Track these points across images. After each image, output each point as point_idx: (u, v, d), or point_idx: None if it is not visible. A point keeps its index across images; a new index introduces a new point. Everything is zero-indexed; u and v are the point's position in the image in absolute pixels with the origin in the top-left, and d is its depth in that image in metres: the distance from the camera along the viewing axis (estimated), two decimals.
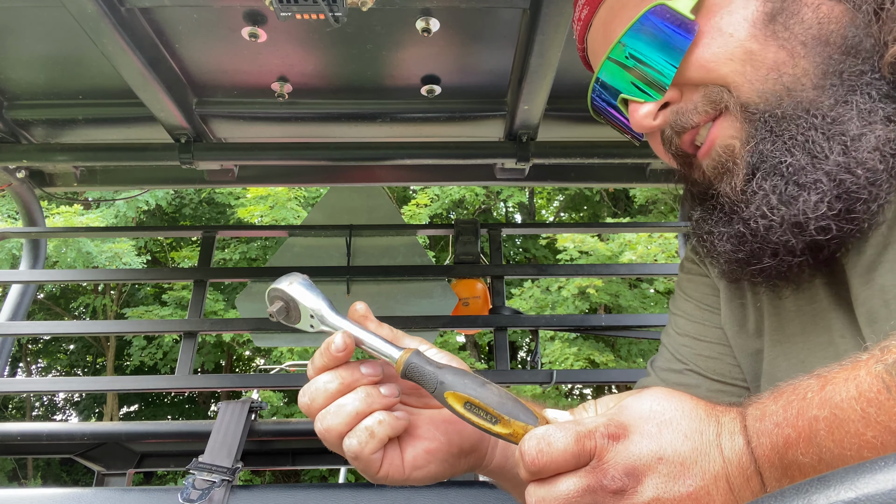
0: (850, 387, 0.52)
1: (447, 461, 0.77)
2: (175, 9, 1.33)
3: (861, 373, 0.52)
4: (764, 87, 0.69)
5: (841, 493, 0.26)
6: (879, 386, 0.50)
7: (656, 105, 0.75)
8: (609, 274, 2.33)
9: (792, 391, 0.57)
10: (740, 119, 0.71)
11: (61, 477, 13.88)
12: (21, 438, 1.67)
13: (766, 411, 0.58)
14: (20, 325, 1.96)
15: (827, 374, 0.56)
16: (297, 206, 10.81)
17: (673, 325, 0.97)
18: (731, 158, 0.72)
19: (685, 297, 0.97)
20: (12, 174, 1.85)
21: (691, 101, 0.74)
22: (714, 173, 0.75)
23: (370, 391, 0.72)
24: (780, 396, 0.58)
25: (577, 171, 2.01)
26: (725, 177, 0.73)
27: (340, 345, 0.71)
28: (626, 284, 11.20)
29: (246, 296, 2.30)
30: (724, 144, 0.73)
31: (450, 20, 1.37)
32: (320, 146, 1.76)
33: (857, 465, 0.27)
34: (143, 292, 13.20)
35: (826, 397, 0.53)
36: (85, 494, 1.34)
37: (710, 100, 0.72)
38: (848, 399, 0.52)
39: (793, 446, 0.54)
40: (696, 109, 0.74)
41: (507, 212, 14.29)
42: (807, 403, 0.54)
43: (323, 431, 0.73)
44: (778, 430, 0.55)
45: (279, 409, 11.84)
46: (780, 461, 0.55)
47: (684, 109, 0.75)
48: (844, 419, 0.51)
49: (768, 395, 0.60)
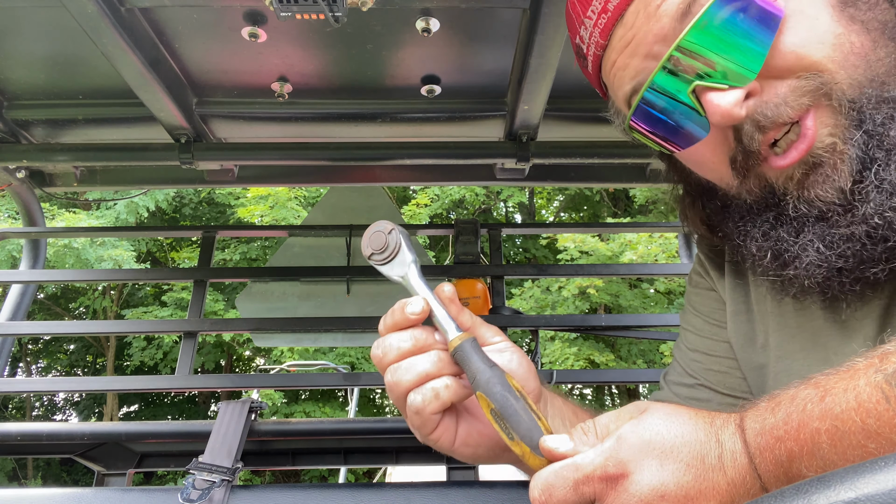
0: (850, 397, 0.51)
1: (493, 450, 0.79)
2: (175, 9, 1.32)
3: (860, 382, 0.52)
4: (856, 75, 0.63)
5: (841, 493, 0.26)
6: (878, 396, 0.49)
7: (743, 92, 0.66)
8: (609, 274, 2.32)
9: (790, 401, 0.56)
10: (837, 111, 0.64)
11: (61, 477, 13.88)
12: (21, 438, 1.67)
13: (765, 425, 0.57)
14: (20, 325, 1.96)
15: (825, 383, 0.55)
16: (297, 206, 10.82)
17: (683, 340, 0.97)
18: (834, 156, 0.64)
19: (694, 313, 0.96)
20: (12, 174, 1.85)
21: (777, 93, 0.66)
22: (804, 178, 0.66)
23: (442, 356, 0.73)
24: (778, 407, 0.57)
25: (577, 171, 2.00)
26: (822, 178, 0.65)
27: (418, 309, 0.74)
28: (627, 284, 11.20)
29: (246, 296, 2.31)
30: (826, 143, 0.65)
31: (450, 20, 1.36)
32: (320, 146, 1.75)
33: (856, 465, 0.27)
34: (142, 293, 13.20)
35: (826, 409, 0.53)
36: (85, 494, 1.33)
37: (806, 90, 0.64)
38: (848, 410, 0.51)
39: (796, 460, 0.54)
40: (786, 102, 0.65)
41: (507, 212, 14.29)
42: (807, 416, 0.54)
43: (392, 384, 0.74)
44: (780, 444, 0.55)
45: (279, 409, 11.84)
46: (784, 475, 0.55)
47: (773, 102, 0.66)
48: (846, 431, 0.51)
49: (766, 405, 0.59)
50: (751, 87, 0.66)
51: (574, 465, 0.59)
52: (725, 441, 0.58)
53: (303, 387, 10.13)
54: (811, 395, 0.55)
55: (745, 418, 0.59)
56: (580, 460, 0.59)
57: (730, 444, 0.58)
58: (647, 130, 0.78)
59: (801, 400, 0.56)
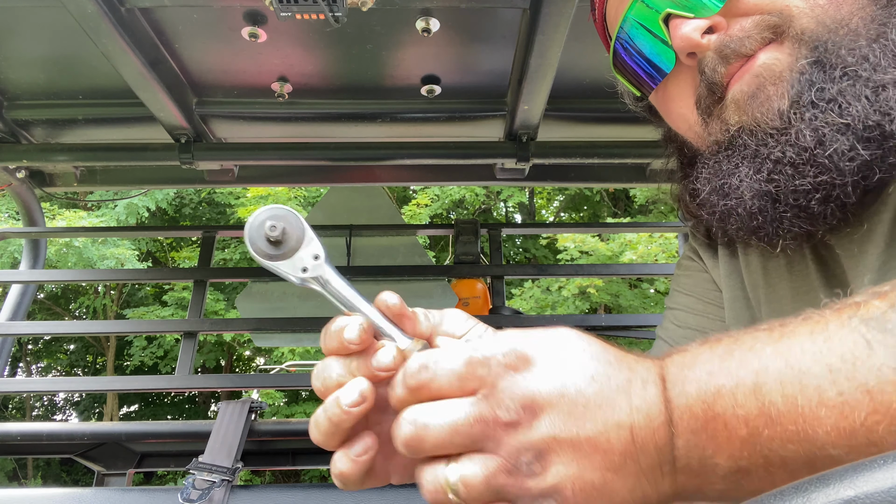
0: (817, 340, 0.46)
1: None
2: (175, 9, 1.33)
3: (831, 326, 0.46)
4: (820, 14, 0.64)
5: (840, 492, 0.26)
6: (856, 339, 0.44)
7: (706, 22, 0.69)
8: (609, 274, 2.33)
9: (734, 341, 0.51)
10: (796, 44, 0.65)
11: (61, 477, 13.88)
12: (21, 438, 1.67)
13: (698, 359, 0.51)
14: (20, 325, 1.96)
15: (782, 326, 0.49)
16: (297, 207, 10.82)
17: (672, 320, 0.96)
18: (775, 77, 0.65)
19: (685, 293, 0.96)
20: (12, 174, 1.85)
21: (742, 27, 0.68)
22: (744, 99, 0.68)
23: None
24: (717, 344, 0.51)
25: (577, 171, 2.00)
26: (762, 101, 0.66)
27: (355, 336, 0.56)
28: (627, 284, 11.20)
29: (246, 296, 2.30)
30: (769, 64, 0.66)
31: (450, 20, 1.37)
32: (320, 146, 1.76)
33: (856, 464, 0.27)
34: (143, 293, 13.20)
35: (781, 349, 0.47)
36: (85, 494, 1.34)
37: (769, 24, 0.66)
38: (813, 353, 0.45)
39: (726, 396, 0.48)
40: (749, 36, 0.67)
41: (507, 212, 14.29)
42: (754, 354, 0.48)
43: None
44: (710, 378, 0.49)
45: (279, 409, 11.85)
46: (704, 412, 0.48)
47: (737, 36, 0.68)
48: (805, 372, 0.45)
49: (700, 343, 0.53)
50: (716, 21, 0.69)
51: (473, 346, 0.52)
52: (639, 371, 0.52)
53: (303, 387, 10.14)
54: (761, 337, 0.49)
55: (671, 354, 0.53)
56: (480, 345, 0.52)
57: (643, 373, 0.51)
58: (626, 66, 0.81)
59: (748, 339, 0.50)
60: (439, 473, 0.50)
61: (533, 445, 0.48)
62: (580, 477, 0.48)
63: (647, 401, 0.50)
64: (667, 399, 0.50)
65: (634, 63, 0.79)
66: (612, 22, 0.83)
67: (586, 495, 0.48)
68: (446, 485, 0.49)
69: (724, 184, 0.71)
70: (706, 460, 0.49)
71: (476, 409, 0.49)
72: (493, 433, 0.49)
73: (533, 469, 0.48)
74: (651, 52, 0.75)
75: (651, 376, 0.51)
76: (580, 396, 0.49)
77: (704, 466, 0.49)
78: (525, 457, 0.48)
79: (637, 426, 0.49)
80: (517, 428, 0.48)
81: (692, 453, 0.49)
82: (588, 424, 0.49)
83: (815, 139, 0.62)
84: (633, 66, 0.80)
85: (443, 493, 0.49)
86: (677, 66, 0.74)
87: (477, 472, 0.48)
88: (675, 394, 0.50)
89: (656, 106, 0.84)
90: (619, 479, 0.49)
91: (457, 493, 0.49)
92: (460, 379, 0.50)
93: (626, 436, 0.49)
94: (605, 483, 0.48)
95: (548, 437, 0.48)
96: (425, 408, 0.51)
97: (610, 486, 0.49)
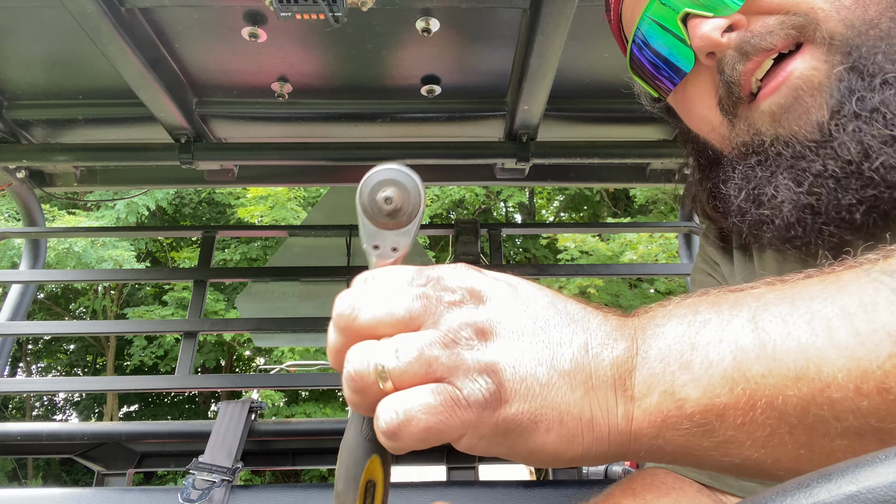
0: (829, 288, 0.41)
1: None
2: (175, 9, 1.32)
3: (845, 276, 0.42)
4: (847, 14, 0.62)
5: (843, 487, 0.26)
6: (878, 287, 0.39)
7: (725, 21, 0.67)
8: (609, 274, 2.32)
9: (725, 289, 0.46)
10: (824, 46, 0.63)
11: (61, 477, 13.89)
12: (21, 438, 1.67)
13: (680, 302, 0.46)
14: (20, 325, 1.96)
15: (783, 281, 0.45)
16: (296, 207, 10.82)
17: None
18: (813, 89, 0.63)
19: None
20: (12, 174, 1.85)
21: (764, 24, 0.66)
22: (781, 112, 0.65)
23: None
24: (704, 293, 0.47)
25: (577, 171, 2.00)
26: (800, 113, 0.64)
27: None
28: (627, 284, 11.20)
29: (246, 296, 2.31)
30: (805, 75, 0.63)
31: (450, 20, 1.36)
32: (320, 146, 1.75)
33: (858, 459, 0.27)
34: (142, 293, 13.20)
35: (786, 293, 0.43)
36: (85, 494, 1.34)
37: (794, 24, 0.64)
38: (824, 297, 0.41)
39: (713, 328, 0.43)
40: (772, 32, 0.65)
41: (507, 212, 14.30)
42: (752, 296, 0.44)
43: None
44: (694, 315, 0.44)
45: (280, 410, 11.85)
46: (679, 342, 0.43)
47: (758, 32, 0.66)
48: (813, 312, 0.40)
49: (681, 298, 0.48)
50: (736, 19, 0.67)
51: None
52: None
53: (303, 387, 10.14)
54: (758, 290, 0.45)
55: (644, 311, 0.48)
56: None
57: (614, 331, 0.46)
58: (644, 67, 0.80)
59: (744, 290, 0.45)
60: (369, 349, 0.45)
61: (475, 321, 0.44)
62: (521, 362, 0.43)
63: (608, 325, 0.46)
64: (635, 327, 0.46)
65: (652, 64, 0.78)
66: (628, 23, 0.81)
67: (526, 386, 0.43)
68: (374, 361, 0.44)
69: (758, 192, 0.68)
70: (674, 389, 0.42)
71: (420, 289, 0.46)
72: (435, 309, 0.44)
73: (472, 343, 0.43)
74: (669, 52, 0.74)
75: (612, 318, 0.47)
76: (531, 301, 0.46)
77: (671, 399, 0.43)
78: (465, 331, 0.44)
79: (592, 343, 0.44)
80: (461, 306, 0.45)
81: (657, 382, 0.43)
82: (537, 321, 0.44)
83: (861, 152, 0.59)
84: (651, 68, 0.78)
85: (366, 370, 0.44)
86: (697, 67, 0.72)
87: (411, 343, 0.43)
88: (645, 323, 0.46)
89: (675, 107, 0.83)
90: (564, 383, 0.43)
91: (383, 369, 0.43)
92: (408, 279, 0.47)
93: (580, 343, 0.44)
94: (550, 382, 0.43)
95: (493, 317, 0.44)
96: (367, 291, 0.47)
97: (554, 388, 0.43)
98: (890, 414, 0.37)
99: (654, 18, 0.73)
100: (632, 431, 0.44)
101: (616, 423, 0.44)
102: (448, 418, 0.42)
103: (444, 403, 0.42)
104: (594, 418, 0.43)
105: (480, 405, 0.42)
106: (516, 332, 0.44)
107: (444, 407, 0.42)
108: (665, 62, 0.75)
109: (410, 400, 0.42)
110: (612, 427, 0.44)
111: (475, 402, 0.42)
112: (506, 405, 0.42)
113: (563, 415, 0.43)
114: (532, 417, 0.43)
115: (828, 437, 0.39)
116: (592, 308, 0.47)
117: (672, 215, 11.75)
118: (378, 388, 0.43)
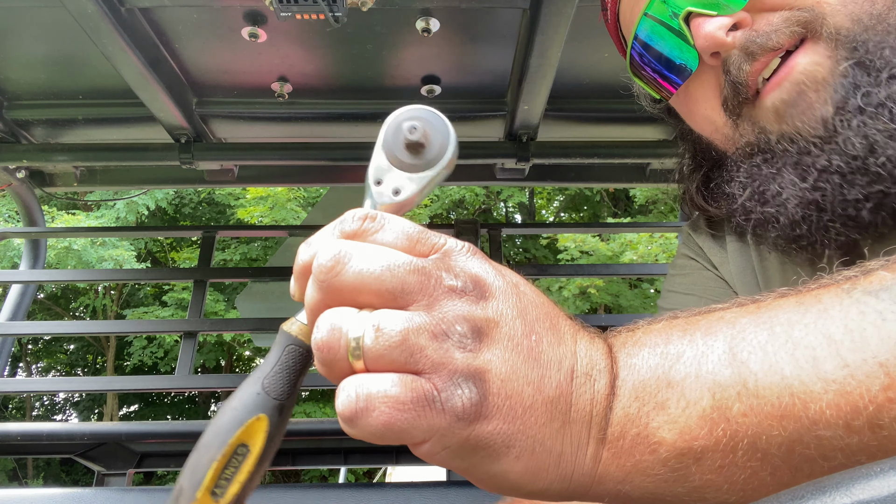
0: (809, 311, 0.38)
1: None
2: (175, 9, 1.33)
3: (825, 298, 0.39)
4: (854, 9, 0.61)
5: (836, 499, 0.25)
6: (862, 310, 0.37)
7: (730, 20, 0.65)
8: (610, 274, 2.33)
9: (696, 313, 0.44)
10: (830, 42, 0.62)
11: (61, 477, 13.88)
12: (21, 438, 1.67)
13: (653, 328, 0.43)
14: (20, 325, 1.96)
15: (756, 301, 0.42)
16: (296, 207, 10.82)
17: None
18: (817, 84, 0.62)
19: (683, 293, 0.89)
20: (12, 174, 1.85)
21: (769, 22, 0.64)
22: (785, 108, 0.64)
23: None
24: (674, 318, 0.44)
25: (577, 171, 2.00)
26: (804, 108, 0.63)
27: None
28: (627, 284, 11.20)
29: (246, 296, 2.31)
30: (809, 70, 0.62)
31: (450, 20, 1.37)
32: (320, 146, 1.76)
33: (852, 471, 0.27)
34: (142, 293, 13.20)
35: (762, 319, 0.39)
36: (85, 494, 1.34)
37: (799, 20, 0.63)
38: (805, 323, 0.38)
39: (687, 362, 0.40)
40: (777, 30, 0.64)
41: (507, 212, 14.29)
42: (726, 323, 0.41)
43: None
44: (667, 346, 0.41)
45: None
46: (656, 378, 0.40)
47: (763, 31, 0.64)
48: (795, 341, 0.37)
49: (649, 322, 0.45)
50: (740, 18, 0.66)
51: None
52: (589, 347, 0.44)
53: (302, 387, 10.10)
54: (728, 313, 0.42)
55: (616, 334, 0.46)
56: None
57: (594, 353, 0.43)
58: (644, 70, 0.77)
59: (716, 312, 0.42)
60: (346, 319, 0.39)
61: (474, 318, 0.39)
62: (511, 377, 0.39)
63: (593, 350, 0.42)
64: (613, 358, 0.42)
65: (654, 66, 0.75)
66: (627, 23, 0.79)
67: (510, 406, 0.39)
68: (349, 335, 0.38)
69: (763, 189, 0.67)
70: (648, 432, 0.40)
71: (420, 262, 0.40)
72: (432, 291, 0.39)
73: (464, 341, 0.39)
74: (672, 53, 0.71)
75: (598, 342, 0.44)
76: (531, 308, 0.42)
77: (644, 443, 0.40)
78: (461, 326, 0.39)
79: (578, 371, 0.41)
80: (461, 296, 0.39)
81: (630, 424, 0.40)
82: (533, 333, 0.41)
83: (866, 147, 0.58)
84: (653, 69, 0.76)
85: (337, 343, 0.39)
86: (700, 67, 0.70)
87: (397, 324, 0.38)
88: (624, 355, 0.42)
89: (677, 108, 0.80)
90: (545, 410, 0.40)
91: (357, 346, 0.38)
92: (410, 239, 0.42)
93: (568, 368, 0.41)
94: (533, 406, 0.39)
95: (493, 318, 0.40)
96: (356, 246, 0.41)
97: (535, 414, 0.39)
98: (881, 450, 0.35)
99: (656, 17, 0.71)
100: (597, 474, 0.41)
101: (582, 462, 0.41)
102: (415, 419, 0.37)
103: (416, 402, 0.37)
104: (563, 454, 0.40)
105: (456, 414, 0.38)
106: (512, 341, 0.40)
107: (415, 405, 0.37)
108: (667, 63, 0.73)
109: (377, 386, 0.37)
110: (578, 467, 0.41)
111: (451, 409, 0.38)
112: (483, 421, 0.38)
113: (537, 445, 0.39)
114: (506, 441, 0.39)
115: (812, 478, 0.36)
116: (579, 327, 0.44)
117: (672, 215, 11.75)
118: (347, 363, 0.39)
